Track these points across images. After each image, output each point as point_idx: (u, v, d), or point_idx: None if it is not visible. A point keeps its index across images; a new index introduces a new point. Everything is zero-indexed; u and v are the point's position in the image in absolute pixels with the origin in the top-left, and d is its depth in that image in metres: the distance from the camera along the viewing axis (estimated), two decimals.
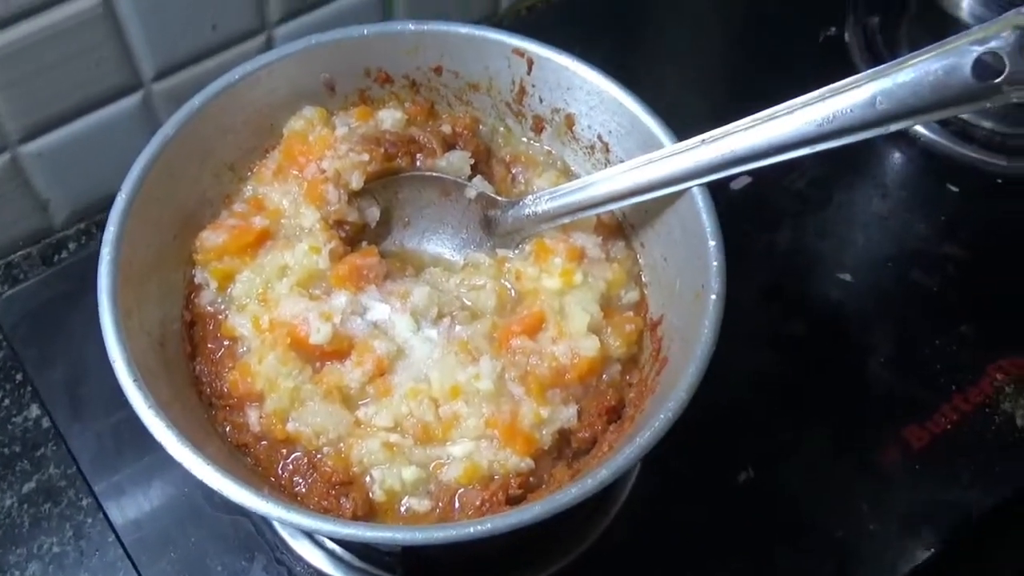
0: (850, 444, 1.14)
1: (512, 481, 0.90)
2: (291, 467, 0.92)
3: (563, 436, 0.93)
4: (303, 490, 0.91)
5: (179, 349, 0.96)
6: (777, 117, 0.85)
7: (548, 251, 1.01)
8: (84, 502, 1.11)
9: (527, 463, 0.90)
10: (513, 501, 0.89)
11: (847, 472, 1.12)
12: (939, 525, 1.08)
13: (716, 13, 1.60)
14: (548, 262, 1.00)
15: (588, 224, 1.03)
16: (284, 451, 0.93)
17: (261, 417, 0.93)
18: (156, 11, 1.21)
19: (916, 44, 1.40)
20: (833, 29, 1.50)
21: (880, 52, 1.45)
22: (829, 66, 1.46)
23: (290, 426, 0.92)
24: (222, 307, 0.99)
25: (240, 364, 0.95)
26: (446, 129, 1.09)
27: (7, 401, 1.18)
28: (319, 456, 0.92)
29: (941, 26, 1.37)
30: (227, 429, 0.94)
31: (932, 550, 1.07)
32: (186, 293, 1.00)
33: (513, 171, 1.11)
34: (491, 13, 1.54)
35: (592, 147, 1.07)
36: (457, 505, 0.90)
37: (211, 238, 0.99)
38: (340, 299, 0.96)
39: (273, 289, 0.98)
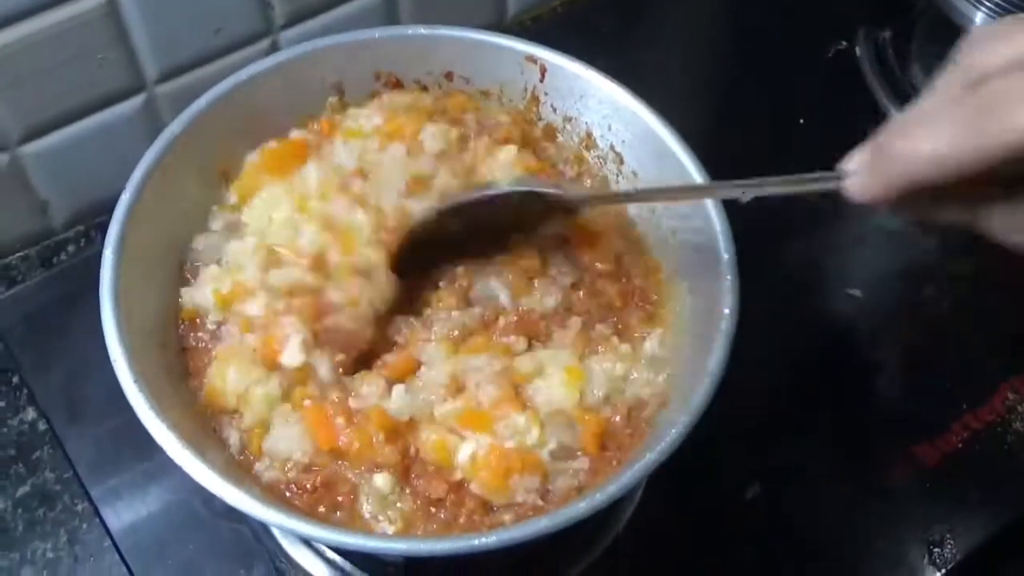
0: (859, 461, 1.12)
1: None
2: None
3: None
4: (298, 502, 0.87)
5: (179, 352, 0.94)
6: None
7: None
8: (80, 507, 1.09)
9: None
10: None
11: (856, 489, 1.10)
12: (950, 545, 1.06)
13: (724, 27, 1.59)
14: None
15: None
16: None
17: (243, 431, 0.88)
18: (160, 13, 1.19)
19: (927, 58, 1.42)
20: (844, 43, 1.49)
21: (892, 66, 1.44)
22: (840, 79, 1.45)
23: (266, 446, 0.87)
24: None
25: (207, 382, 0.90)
26: None
27: (3, 403, 1.15)
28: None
29: (952, 40, 1.35)
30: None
31: (942, 570, 1.05)
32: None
33: None
34: (496, 22, 1.53)
35: (605, 157, 1.05)
36: None
37: (251, 156, 0.99)
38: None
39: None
